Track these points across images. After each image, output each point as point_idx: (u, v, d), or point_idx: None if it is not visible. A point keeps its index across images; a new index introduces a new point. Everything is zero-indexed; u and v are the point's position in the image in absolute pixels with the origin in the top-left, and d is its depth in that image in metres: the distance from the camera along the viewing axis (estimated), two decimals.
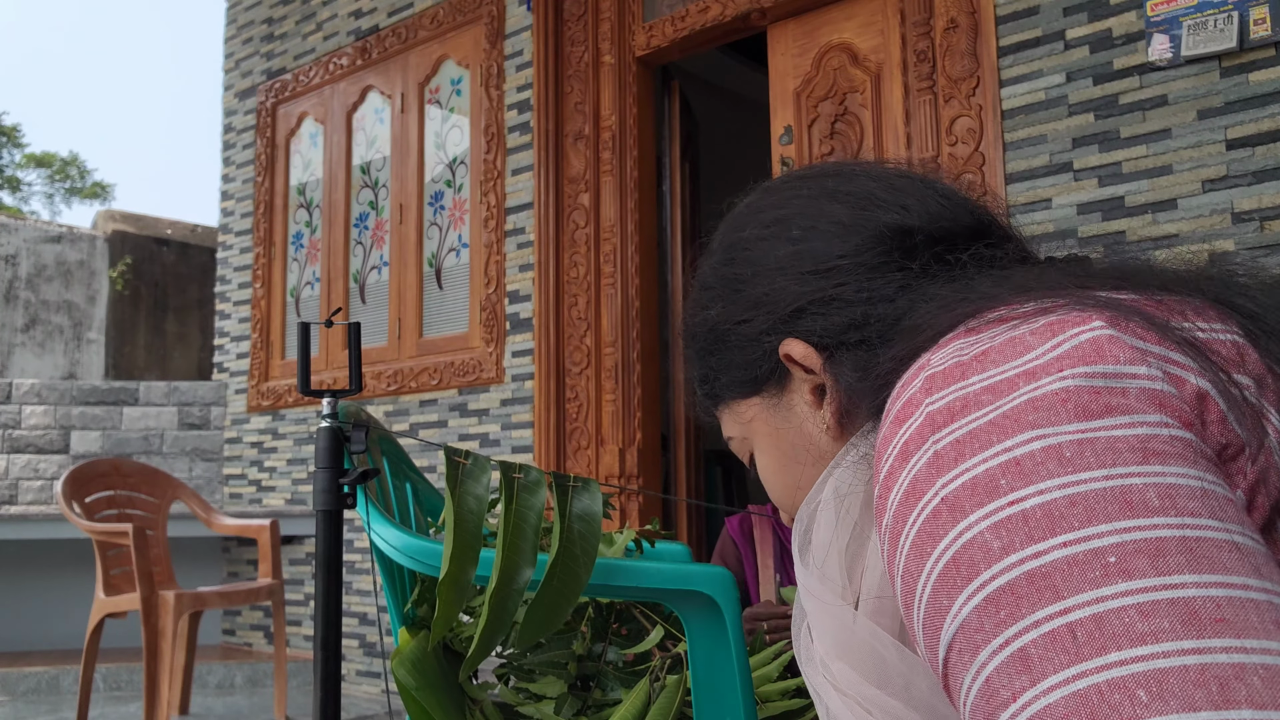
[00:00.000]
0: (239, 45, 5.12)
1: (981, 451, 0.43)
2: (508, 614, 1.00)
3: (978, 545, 0.41)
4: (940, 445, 0.44)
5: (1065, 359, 0.44)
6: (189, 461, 4.90)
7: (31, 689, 3.95)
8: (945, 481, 0.43)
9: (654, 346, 3.53)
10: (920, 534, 0.43)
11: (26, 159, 21.18)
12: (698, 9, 3.37)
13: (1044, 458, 0.41)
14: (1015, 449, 0.42)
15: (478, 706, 1.24)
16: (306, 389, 1.40)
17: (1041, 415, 0.42)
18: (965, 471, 0.43)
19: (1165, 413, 0.43)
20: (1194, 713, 0.34)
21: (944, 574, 0.42)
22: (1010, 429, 0.42)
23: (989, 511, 0.41)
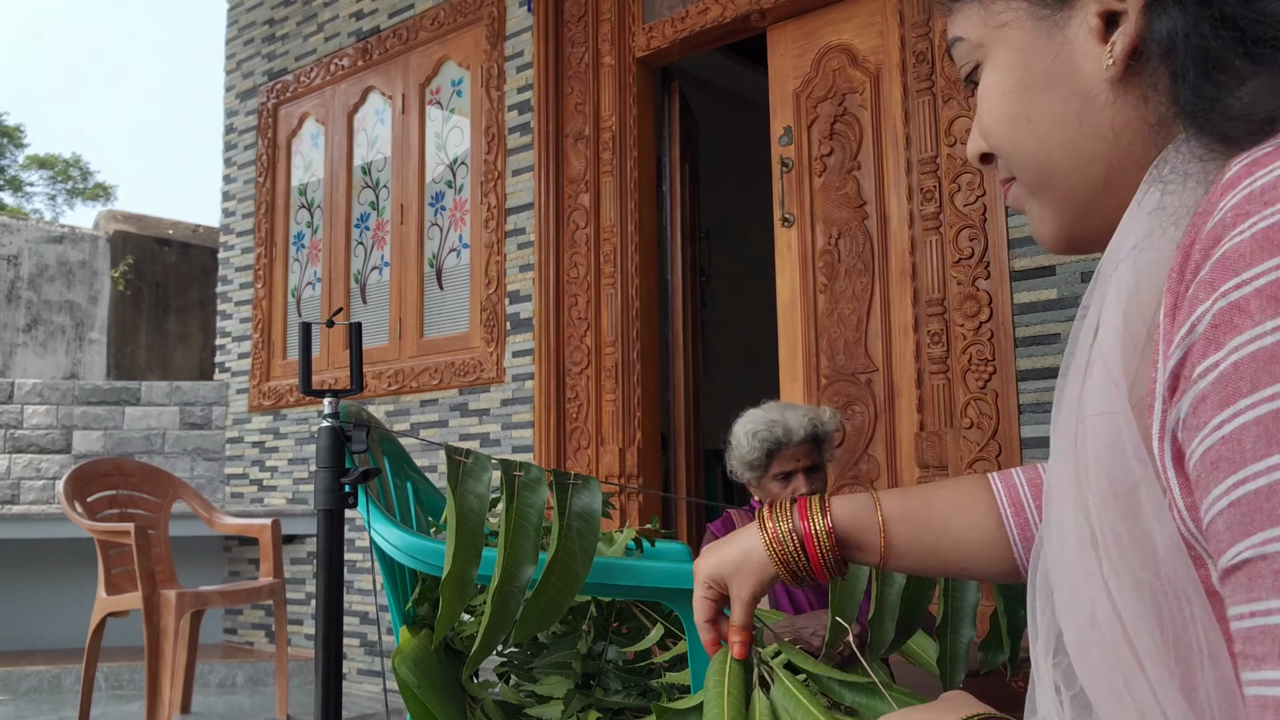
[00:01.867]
0: (240, 46, 5.13)
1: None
2: (510, 612, 1.00)
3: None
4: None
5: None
6: (190, 461, 4.91)
7: (33, 688, 3.96)
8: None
9: (654, 346, 3.54)
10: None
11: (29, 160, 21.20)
12: (697, 10, 3.38)
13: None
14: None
15: (479, 705, 1.25)
16: (308, 389, 1.41)
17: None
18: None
19: None
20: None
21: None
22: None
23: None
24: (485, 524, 1.07)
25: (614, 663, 1.26)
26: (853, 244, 2.99)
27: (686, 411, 3.61)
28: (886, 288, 2.91)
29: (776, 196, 3.17)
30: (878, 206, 2.95)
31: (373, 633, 4.00)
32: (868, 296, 2.94)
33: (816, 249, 3.08)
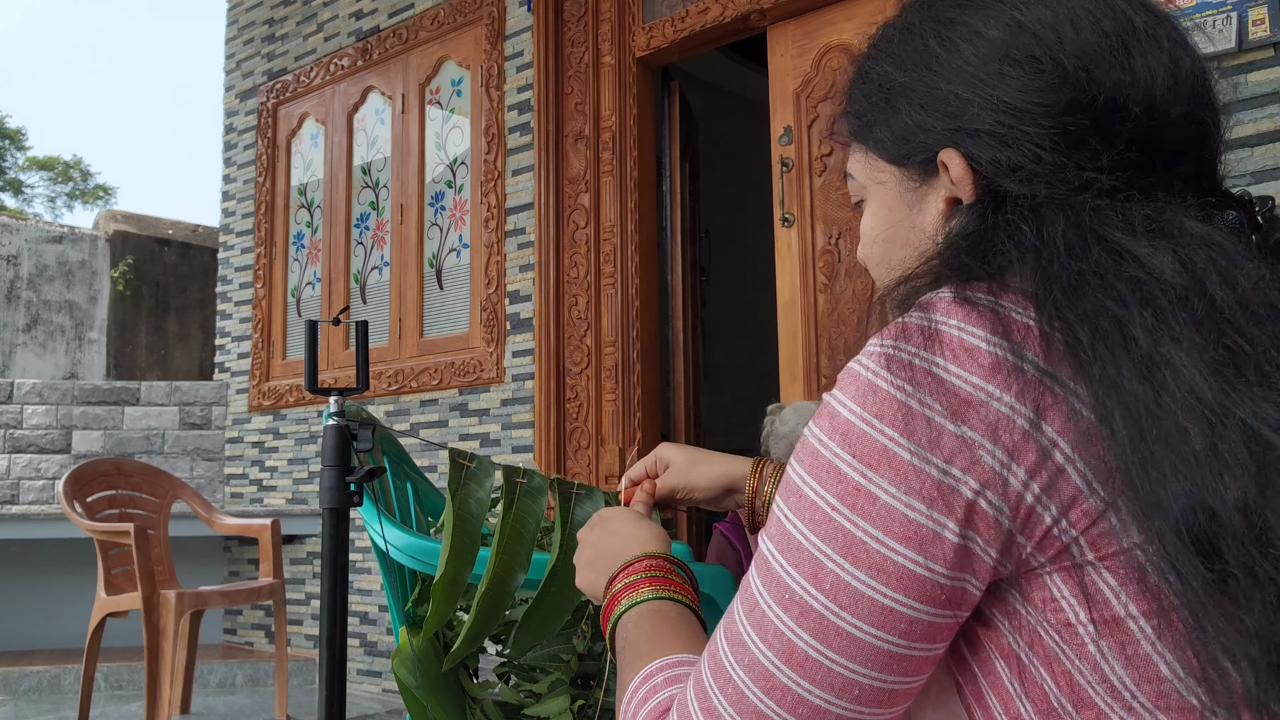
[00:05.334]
0: (240, 46, 5.12)
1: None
2: (497, 614, 1.00)
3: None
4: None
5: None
6: (190, 461, 4.91)
7: (33, 688, 3.96)
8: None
9: (654, 346, 3.54)
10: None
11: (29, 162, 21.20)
12: (697, 10, 3.37)
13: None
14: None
15: (478, 705, 1.25)
16: (314, 387, 1.41)
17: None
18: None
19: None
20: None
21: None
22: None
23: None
24: (484, 525, 1.07)
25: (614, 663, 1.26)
26: (853, 244, 2.99)
27: (686, 411, 3.61)
28: None
29: (776, 196, 3.17)
30: None
31: (373, 633, 4.00)
32: (868, 296, 2.94)
33: (817, 249, 3.08)
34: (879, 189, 0.72)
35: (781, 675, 0.57)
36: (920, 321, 0.58)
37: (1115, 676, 0.54)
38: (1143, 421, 0.52)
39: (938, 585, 0.55)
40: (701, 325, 3.81)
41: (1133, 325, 0.54)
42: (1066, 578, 0.55)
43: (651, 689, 0.68)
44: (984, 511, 0.54)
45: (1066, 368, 0.55)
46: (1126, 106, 0.61)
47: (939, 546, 0.54)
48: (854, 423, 0.56)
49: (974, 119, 0.64)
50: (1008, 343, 0.55)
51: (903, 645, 0.56)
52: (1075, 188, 0.60)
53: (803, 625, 0.56)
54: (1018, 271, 0.59)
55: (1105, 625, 0.54)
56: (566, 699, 1.23)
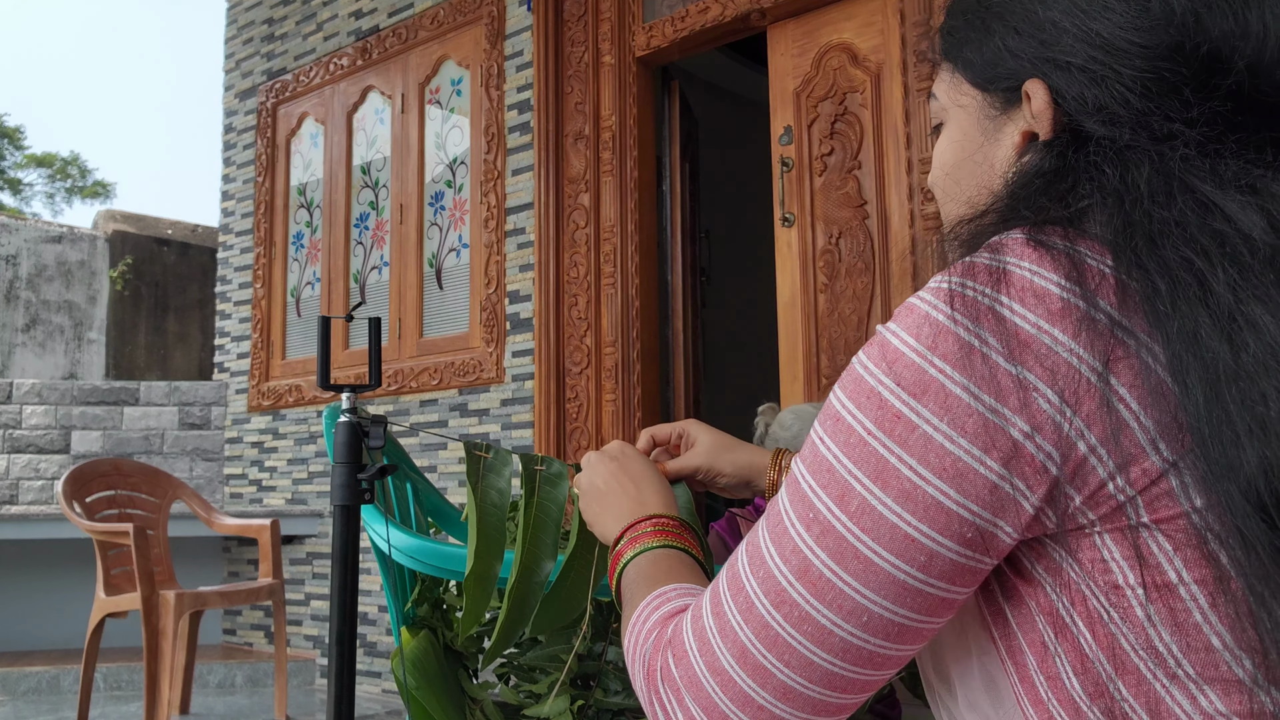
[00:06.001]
0: (239, 45, 5.12)
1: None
2: (529, 607, 0.99)
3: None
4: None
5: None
6: (189, 461, 4.90)
7: (32, 689, 3.96)
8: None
9: (654, 346, 3.53)
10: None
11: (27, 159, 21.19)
12: (698, 9, 3.37)
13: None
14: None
15: (478, 706, 1.24)
16: (326, 383, 1.40)
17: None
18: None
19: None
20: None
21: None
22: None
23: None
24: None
25: (614, 663, 1.26)
26: (853, 243, 2.99)
27: (686, 411, 3.61)
28: (887, 287, 2.91)
29: (777, 196, 3.17)
30: (878, 206, 2.95)
31: (372, 633, 4.00)
32: (868, 296, 2.94)
33: (817, 249, 3.07)
34: (959, 112, 0.71)
35: (792, 590, 0.57)
36: (990, 262, 0.56)
37: (1161, 643, 0.53)
38: (1220, 380, 0.51)
39: (966, 523, 0.54)
40: (701, 325, 3.81)
41: (1215, 280, 0.52)
42: (1118, 539, 0.54)
43: (664, 598, 0.70)
44: (1030, 455, 0.52)
45: (1141, 320, 0.53)
46: (1230, 59, 0.58)
47: (974, 483, 0.53)
48: (904, 352, 0.56)
49: (1067, 50, 0.61)
50: (1081, 289, 0.54)
51: (919, 579, 0.55)
52: (1159, 137, 0.58)
53: (821, 544, 0.56)
54: (1095, 217, 0.57)
55: (1156, 590, 0.53)
56: (566, 699, 1.22)
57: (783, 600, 0.57)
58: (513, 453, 1.08)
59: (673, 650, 0.63)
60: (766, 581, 0.58)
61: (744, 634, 0.58)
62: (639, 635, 0.68)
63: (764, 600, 0.58)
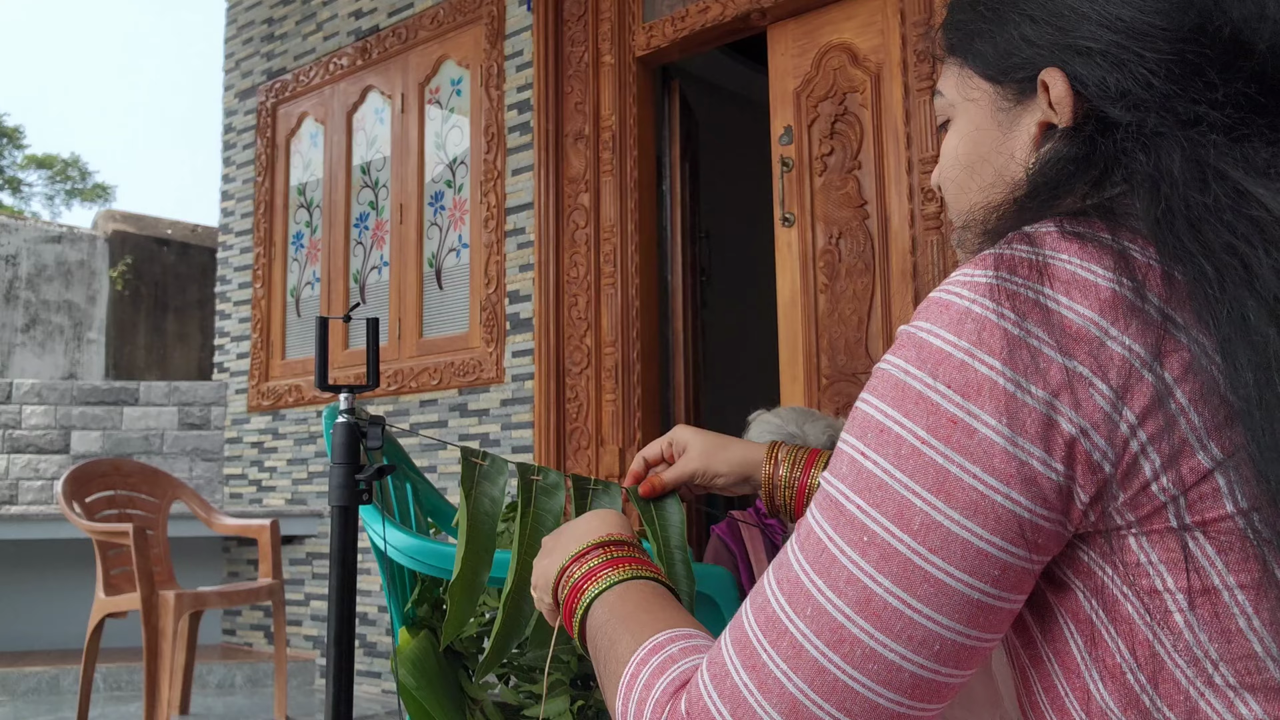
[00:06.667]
0: (239, 45, 5.12)
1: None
2: (523, 617, 0.99)
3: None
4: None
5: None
6: (189, 461, 4.90)
7: (32, 689, 3.95)
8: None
9: (654, 346, 3.53)
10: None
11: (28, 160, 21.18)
12: (698, 9, 3.37)
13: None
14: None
15: (478, 706, 1.24)
16: (324, 384, 1.40)
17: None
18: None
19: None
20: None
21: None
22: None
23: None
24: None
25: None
26: (853, 244, 2.99)
27: (686, 411, 3.60)
28: (887, 287, 2.90)
29: (777, 196, 3.17)
30: (878, 206, 2.95)
31: (372, 633, 4.00)
32: (869, 296, 2.94)
33: (817, 249, 3.07)
34: (969, 107, 0.69)
35: (853, 626, 0.51)
36: (1030, 255, 0.53)
37: (1201, 650, 0.50)
38: (1271, 365, 0.49)
39: (1037, 528, 0.51)
40: (701, 325, 3.80)
41: (1259, 265, 0.50)
42: (1156, 541, 0.51)
43: (668, 658, 0.60)
44: (1084, 452, 0.50)
45: (1189, 312, 0.51)
46: (1253, 42, 0.57)
47: (1043, 485, 0.50)
48: (948, 351, 0.52)
49: (1088, 35, 0.60)
50: (1129, 280, 0.51)
51: (993, 594, 0.51)
52: (1184, 121, 0.57)
53: (884, 570, 0.51)
54: (1129, 205, 0.55)
55: (1197, 595, 0.50)
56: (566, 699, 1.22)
57: (841, 639, 0.51)
58: (509, 463, 1.08)
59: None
60: (818, 619, 0.52)
61: (793, 684, 0.52)
62: (636, 705, 0.59)
63: (817, 642, 0.52)
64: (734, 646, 0.55)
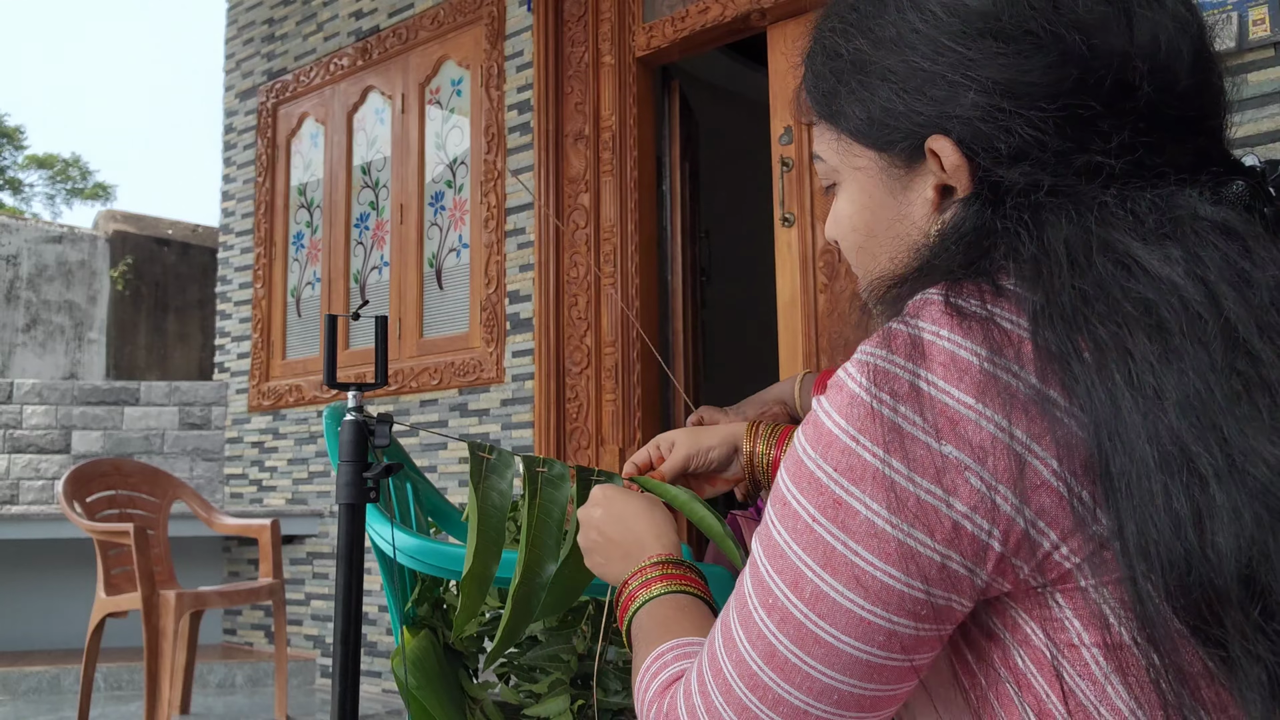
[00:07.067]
0: (240, 46, 5.12)
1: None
2: (531, 608, 0.99)
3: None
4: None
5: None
6: (190, 461, 4.90)
7: (32, 689, 3.96)
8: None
9: (654, 346, 3.53)
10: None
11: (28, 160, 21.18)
12: (698, 9, 3.37)
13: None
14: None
15: (478, 706, 1.24)
16: (333, 381, 1.40)
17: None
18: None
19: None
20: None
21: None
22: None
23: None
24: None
25: (614, 663, 1.26)
26: None
27: (686, 411, 3.61)
28: None
29: (777, 196, 3.17)
30: None
31: (372, 633, 4.00)
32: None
33: (817, 249, 3.07)
34: (856, 174, 0.66)
35: (763, 675, 0.57)
36: (909, 331, 0.55)
37: (1121, 700, 0.53)
38: (1138, 457, 0.49)
39: (919, 601, 0.53)
40: (701, 325, 3.81)
41: (1135, 350, 0.51)
42: (1069, 599, 0.53)
43: (663, 664, 0.70)
44: (970, 534, 0.52)
45: (1062, 390, 0.51)
46: (1134, 82, 0.56)
47: (920, 564, 0.53)
48: (837, 435, 0.55)
49: (966, 104, 0.58)
50: (1001, 359, 0.52)
51: (881, 656, 0.55)
52: (1084, 174, 0.56)
53: (783, 631, 0.56)
54: (1014, 278, 0.55)
55: (1110, 649, 0.53)
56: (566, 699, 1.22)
57: (756, 684, 0.57)
58: (515, 455, 1.08)
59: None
60: (740, 665, 0.58)
61: (726, 714, 0.59)
62: (643, 700, 0.70)
63: (740, 684, 0.58)
64: (695, 671, 0.63)
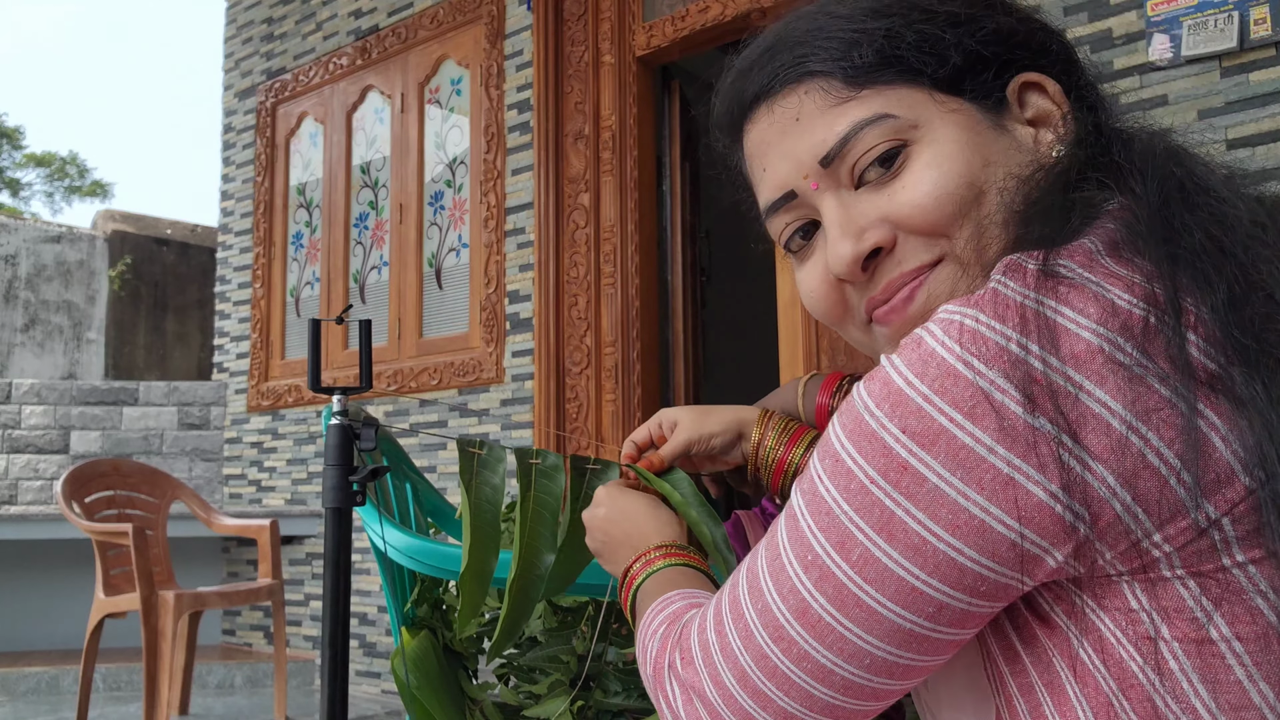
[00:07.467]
0: (239, 45, 5.12)
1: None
2: (530, 601, 0.99)
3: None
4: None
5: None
6: (189, 461, 4.90)
7: (31, 689, 3.95)
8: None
9: (654, 346, 3.53)
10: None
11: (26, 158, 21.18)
12: (698, 9, 3.37)
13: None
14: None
15: (477, 706, 1.24)
16: (317, 386, 1.40)
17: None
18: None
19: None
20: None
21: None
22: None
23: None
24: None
25: (614, 664, 1.25)
26: None
27: None
28: None
29: None
30: None
31: (372, 634, 3.99)
32: None
33: None
34: (951, 118, 0.62)
35: (790, 629, 0.55)
36: (1013, 295, 0.50)
37: (1198, 699, 0.49)
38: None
39: (980, 577, 0.50)
40: (701, 325, 3.80)
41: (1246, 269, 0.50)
42: (1149, 589, 0.50)
43: (668, 602, 0.71)
44: (1055, 514, 0.48)
45: (1171, 365, 0.48)
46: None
47: (991, 540, 0.49)
48: (908, 394, 0.50)
49: (1041, 39, 0.64)
50: (1112, 331, 0.49)
51: (927, 627, 0.52)
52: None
53: (821, 589, 0.53)
54: (1122, 225, 0.54)
55: (1192, 644, 0.49)
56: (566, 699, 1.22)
57: (781, 636, 0.55)
58: (507, 449, 1.08)
59: (680, 651, 0.62)
60: (765, 614, 0.56)
61: (744, 659, 0.57)
62: (645, 633, 0.70)
63: (763, 633, 0.56)
64: (713, 608, 0.61)
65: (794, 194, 0.66)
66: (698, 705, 0.60)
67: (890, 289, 0.63)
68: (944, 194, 0.61)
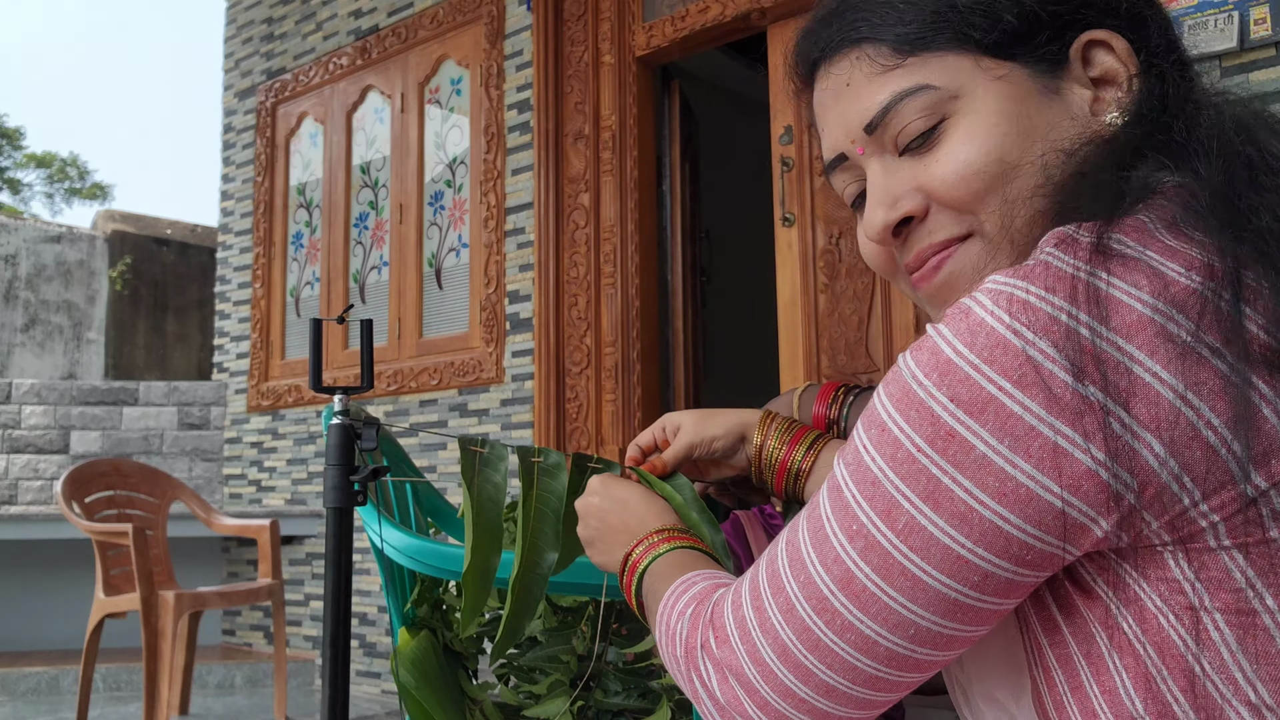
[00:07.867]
0: (239, 45, 5.12)
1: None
2: (533, 599, 0.98)
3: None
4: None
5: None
6: (189, 461, 4.90)
7: (31, 689, 3.95)
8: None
9: (654, 346, 3.53)
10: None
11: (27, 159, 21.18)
12: (698, 9, 3.37)
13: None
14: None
15: (478, 706, 1.24)
16: (318, 385, 1.40)
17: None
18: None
19: None
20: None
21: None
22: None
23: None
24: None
25: (614, 664, 1.25)
26: (854, 243, 2.98)
27: None
28: (888, 287, 2.90)
29: (777, 196, 3.16)
30: None
31: (371, 634, 3.99)
32: (869, 296, 2.94)
33: (817, 248, 3.07)
34: (995, 86, 0.62)
35: (834, 600, 0.54)
36: (1061, 265, 0.51)
37: (1239, 670, 0.49)
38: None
39: (1026, 546, 0.50)
40: (701, 325, 3.80)
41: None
42: (1195, 560, 0.50)
43: (690, 582, 0.69)
44: (1102, 482, 0.48)
45: (1220, 337, 0.48)
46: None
47: (1037, 508, 0.49)
48: (956, 362, 0.50)
49: (1123, 5, 0.62)
50: (1163, 303, 0.49)
51: (973, 596, 0.52)
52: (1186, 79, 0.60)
53: (865, 558, 0.53)
54: (1178, 200, 0.53)
55: (1235, 615, 0.49)
56: (566, 699, 1.22)
57: (824, 608, 0.55)
58: (509, 447, 1.07)
59: (714, 630, 0.62)
60: (807, 586, 0.56)
61: (785, 633, 0.56)
62: (670, 615, 0.68)
63: (805, 605, 0.56)
64: (748, 584, 0.60)
65: (845, 157, 0.69)
66: (734, 684, 0.59)
67: (920, 258, 0.65)
68: (973, 171, 0.61)
